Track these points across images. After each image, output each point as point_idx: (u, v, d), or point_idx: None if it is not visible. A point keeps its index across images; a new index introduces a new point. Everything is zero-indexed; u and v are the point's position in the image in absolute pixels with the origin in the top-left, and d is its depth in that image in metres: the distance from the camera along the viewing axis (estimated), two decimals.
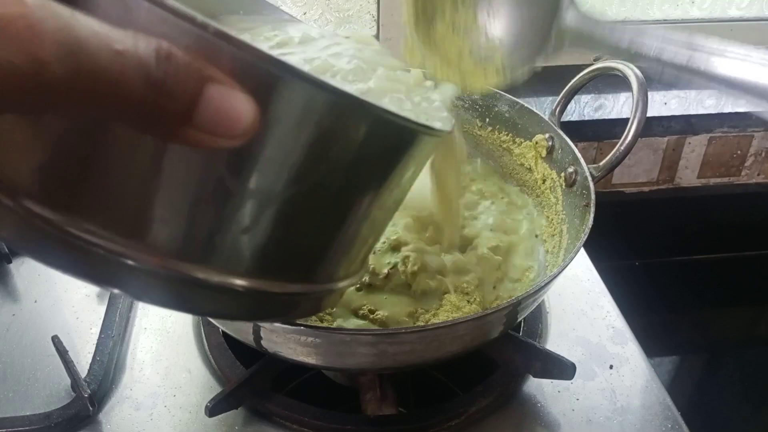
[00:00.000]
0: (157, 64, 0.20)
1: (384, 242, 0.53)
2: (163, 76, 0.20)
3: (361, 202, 0.30)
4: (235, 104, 0.21)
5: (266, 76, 0.22)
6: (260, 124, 0.22)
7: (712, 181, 0.98)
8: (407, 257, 0.51)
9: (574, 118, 0.91)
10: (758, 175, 1.00)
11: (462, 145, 0.48)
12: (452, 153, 0.47)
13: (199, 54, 0.21)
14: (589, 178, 0.53)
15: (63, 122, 0.23)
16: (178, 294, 0.27)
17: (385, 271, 0.51)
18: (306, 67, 0.24)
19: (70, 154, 0.24)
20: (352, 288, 0.50)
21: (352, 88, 0.25)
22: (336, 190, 0.28)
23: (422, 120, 0.29)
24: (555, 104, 0.63)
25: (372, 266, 0.51)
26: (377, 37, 0.96)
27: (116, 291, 0.27)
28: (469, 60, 0.48)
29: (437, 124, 0.31)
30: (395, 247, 0.53)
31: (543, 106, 0.91)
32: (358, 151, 0.27)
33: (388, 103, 0.28)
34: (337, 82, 0.25)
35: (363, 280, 0.51)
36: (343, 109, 0.25)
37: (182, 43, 0.20)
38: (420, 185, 0.46)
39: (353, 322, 0.48)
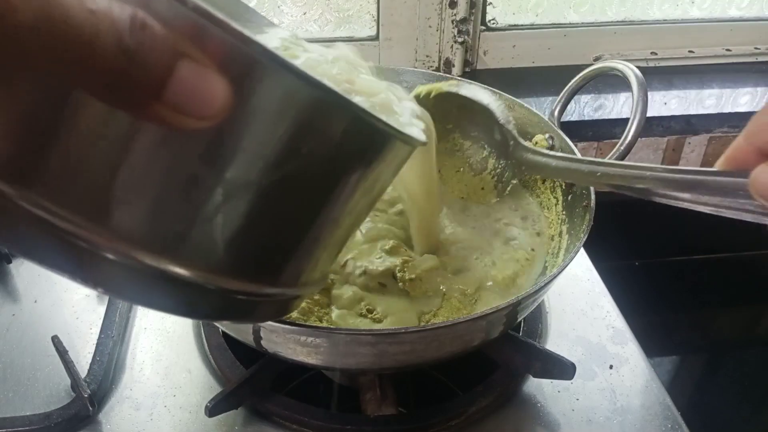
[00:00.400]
0: (131, 31, 0.19)
1: (380, 256, 0.53)
2: (136, 46, 0.19)
3: (331, 204, 0.29)
4: (208, 84, 0.21)
5: (244, 60, 0.22)
6: (232, 108, 0.22)
7: None
8: (406, 262, 0.51)
9: (574, 118, 0.90)
10: None
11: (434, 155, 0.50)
12: (430, 161, 0.49)
13: (175, 29, 0.20)
14: None
15: (26, 84, 0.21)
16: (134, 284, 0.25)
17: (382, 278, 0.51)
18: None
19: (30, 122, 0.22)
20: (351, 289, 0.50)
21: (334, 86, 0.25)
22: (306, 187, 0.27)
23: (399, 126, 0.29)
24: (555, 104, 0.63)
25: (366, 268, 0.51)
26: (377, 37, 0.96)
27: (66, 276, 0.25)
28: (468, 173, 0.60)
29: (414, 132, 0.31)
30: (392, 253, 0.52)
31: (543, 106, 0.91)
32: (332, 149, 0.26)
33: (369, 106, 0.28)
34: (318, 76, 0.24)
35: (362, 283, 0.51)
36: (321, 104, 0.25)
37: (160, 15, 0.20)
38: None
39: (353, 321, 0.48)
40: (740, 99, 0.96)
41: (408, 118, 0.38)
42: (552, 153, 0.54)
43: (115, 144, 0.22)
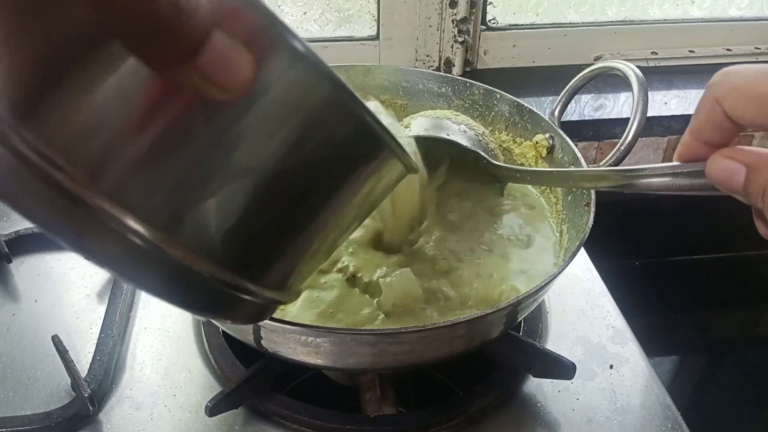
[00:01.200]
0: None
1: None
2: (185, 2, 0.20)
3: (322, 208, 0.29)
4: (237, 58, 0.22)
5: (275, 44, 0.23)
6: (254, 88, 0.22)
7: None
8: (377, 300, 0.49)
9: (575, 117, 0.90)
10: None
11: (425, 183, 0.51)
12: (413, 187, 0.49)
13: (221, 3, 0.21)
14: None
15: (65, 14, 0.21)
16: (119, 253, 0.24)
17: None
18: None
19: (53, 56, 0.21)
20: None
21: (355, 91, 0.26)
22: (304, 184, 0.27)
23: (403, 146, 0.29)
24: (555, 104, 0.63)
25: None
26: (377, 36, 0.96)
27: (40, 225, 0.24)
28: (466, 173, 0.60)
29: (411, 156, 0.32)
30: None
31: (543, 106, 0.91)
32: (336, 149, 0.27)
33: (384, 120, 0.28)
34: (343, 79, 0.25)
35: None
36: (339, 103, 0.25)
37: None
38: None
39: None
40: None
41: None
42: (522, 168, 0.57)
43: (131, 102, 0.22)
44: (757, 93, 0.28)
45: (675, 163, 0.33)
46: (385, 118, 0.44)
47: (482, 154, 0.57)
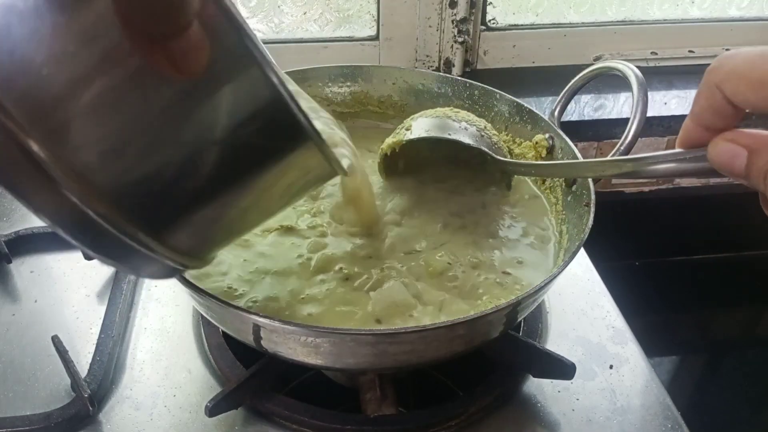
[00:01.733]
0: None
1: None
2: None
3: (240, 186, 0.31)
4: (202, 47, 0.25)
5: (227, 37, 0.26)
6: (204, 73, 0.25)
7: (712, 181, 0.98)
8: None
9: (574, 118, 0.91)
10: None
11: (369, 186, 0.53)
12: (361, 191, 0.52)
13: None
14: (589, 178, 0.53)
15: None
16: (24, 176, 0.26)
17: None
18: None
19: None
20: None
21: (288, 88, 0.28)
22: (224, 163, 0.29)
23: (328, 146, 0.31)
24: (555, 104, 0.63)
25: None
26: (377, 37, 0.96)
27: None
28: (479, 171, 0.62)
29: (343, 161, 0.34)
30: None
31: (543, 106, 0.91)
32: (263, 137, 0.29)
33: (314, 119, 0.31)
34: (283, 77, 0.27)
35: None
36: (272, 100, 0.28)
37: None
38: None
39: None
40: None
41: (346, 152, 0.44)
42: (527, 162, 0.58)
43: (92, 56, 0.24)
44: (756, 76, 0.27)
45: (678, 150, 0.33)
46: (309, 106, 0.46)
47: (486, 150, 0.56)
